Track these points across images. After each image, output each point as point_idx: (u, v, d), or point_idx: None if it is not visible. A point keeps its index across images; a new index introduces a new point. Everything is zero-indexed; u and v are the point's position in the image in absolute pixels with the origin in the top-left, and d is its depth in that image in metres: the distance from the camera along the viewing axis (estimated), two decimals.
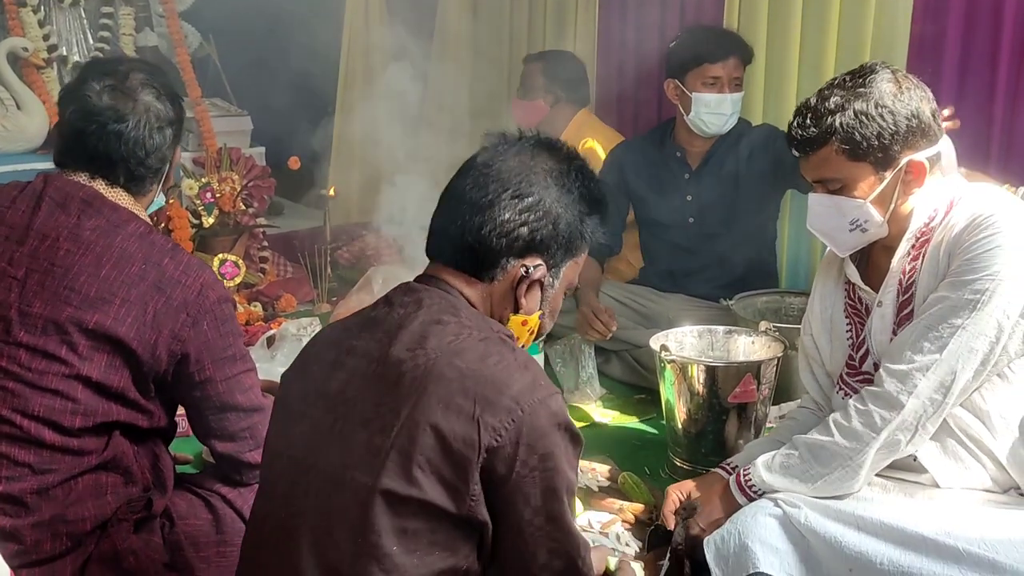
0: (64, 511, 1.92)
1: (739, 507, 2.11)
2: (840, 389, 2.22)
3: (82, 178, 2.07)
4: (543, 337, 1.78)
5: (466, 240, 1.60)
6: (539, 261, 1.62)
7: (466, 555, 1.47)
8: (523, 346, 1.68)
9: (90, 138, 2.06)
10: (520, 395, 1.45)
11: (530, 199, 1.60)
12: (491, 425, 1.43)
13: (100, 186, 2.07)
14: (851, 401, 2.03)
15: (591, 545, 1.61)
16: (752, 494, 2.12)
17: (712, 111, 3.43)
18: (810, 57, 3.66)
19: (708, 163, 3.53)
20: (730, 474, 2.24)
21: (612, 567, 1.99)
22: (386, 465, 1.43)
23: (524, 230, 1.59)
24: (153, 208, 2.20)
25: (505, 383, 1.46)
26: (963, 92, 3.17)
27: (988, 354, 1.93)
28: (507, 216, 1.59)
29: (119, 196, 2.08)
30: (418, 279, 1.65)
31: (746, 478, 2.14)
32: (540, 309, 1.67)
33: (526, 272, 1.61)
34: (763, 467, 2.11)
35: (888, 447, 2.00)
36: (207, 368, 2.03)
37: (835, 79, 2.06)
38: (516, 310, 1.64)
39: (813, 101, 2.05)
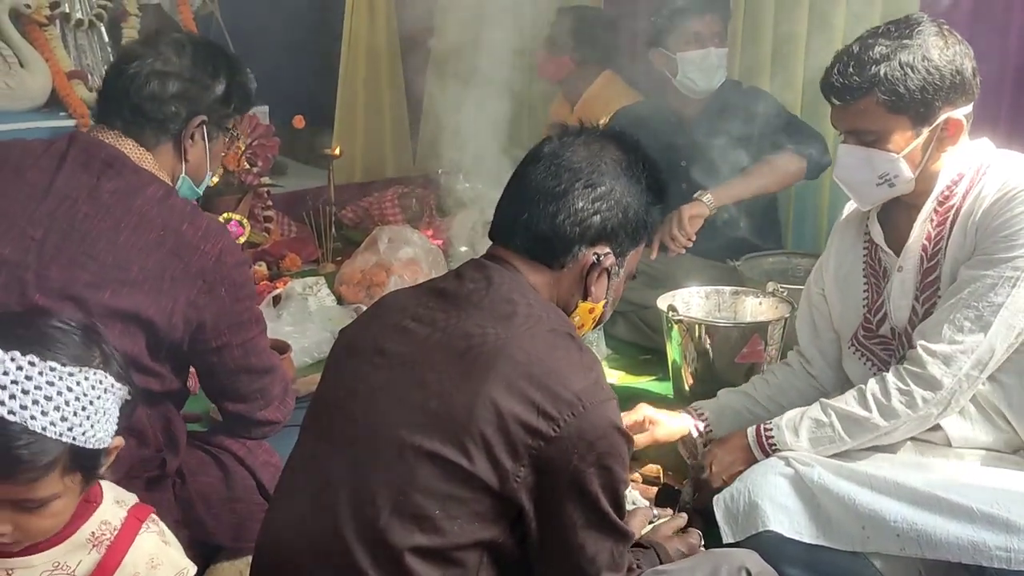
0: None
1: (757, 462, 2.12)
2: (857, 351, 2.21)
3: (109, 136, 2.03)
4: (599, 326, 1.81)
5: (540, 228, 1.63)
6: (607, 249, 1.65)
7: (503, 529, 1.49)
8: (585, 332, 1.73)
9: (104, 81, 2.09)
10: (582, 392, 1.47)
11: (602, 188, 1.63)
12: (551, 415, 1.45)
13: (128, 145, 2.03)
14: (891, 377, 2.01)
15: (632, 534, 1.64)
16: (772, 453, 2.11)
17: (698, 67, 3.46)
18: (819, 10, 3.64)
19: (701, 127, 3.51)
20: (695, 419, 2.33)
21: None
22: (438, 429, 1.45)
23: (597, 219, 1.63)
24: (183, 190, 2.13)
25: (569, 378, 1.48)
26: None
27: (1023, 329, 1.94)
28: (580, 205, 1.62)
29: (143, 157, 2.04)
30: (486, 257, 1.68)
31: (770, 442, 2.12)
32: (605, 297, 1.70)
33: (597, 260, 1.64)
34: (789, 432, 2.09)
35: (922, 421, 2.00)
36: (224, 334, 2.01)
37: (879, 28, 2.03)
38: (585, 297, 1.67)
39: (856, 49, 2.00)
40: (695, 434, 2.36)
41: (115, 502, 1.61)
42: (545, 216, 1.62)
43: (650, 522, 2.08)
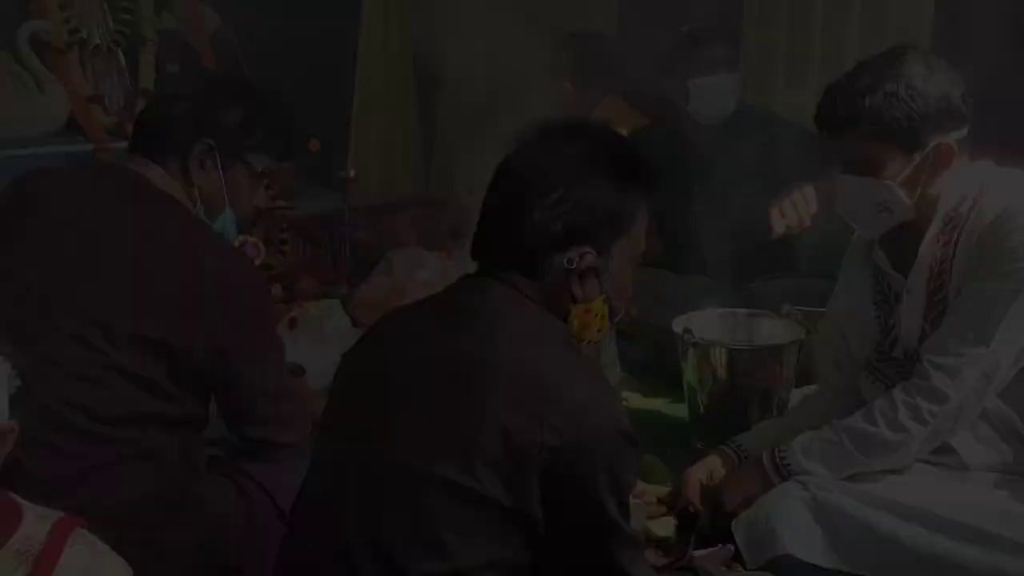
0: (98, 497, 1.92)
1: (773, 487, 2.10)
2: (871, 375, 2.22)
3: (138, 163, 2.10)
4: (618, 318, 1.74)
5: (506, 243, 1.61)
6: (586, 248, 1.60)
7: (516, 546, 1.49)
8: (599, 331, 1.68)
9: None
10: (585, 400, 1.47)
11: (556, 194, 1.57)
12: (555, 426, 1.44)
13: (156, 173, 2.09)
14: (897, 392, 2.02)
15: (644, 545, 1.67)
16: (789, 476, 2.10)
17: (711, 93, 3.46)
18: (832, 35, 3.65)
19: (715, 151, 3.53)
20: (738, 456, 2.27)
21: None
22: (445, 454, 1.45)
23: (558, 225, 1.57)
24: (222, 225, 2.20)
25: (570, 387, 1.48)
26: (990, 74, 3.14)
27: None
28: (538, 216, 1.57)
29: (170, 184, 2.09)
30: (479, 272, 1.67)
31: (784, 464, 2.11)
32: (602, 293, 1.65)
33: (570, 264, 1.60)
34: (801, 454, 2.09)
35: (933, 436, 2.00)
36: (244, 360, 2.04)
37: (865, 60, 2.06)
38: (574, 300, 1.63)
39: (842, 82, 2.04)
40: None
41: (38, 516, 1.55)
42: (508, 232, 1.60)
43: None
